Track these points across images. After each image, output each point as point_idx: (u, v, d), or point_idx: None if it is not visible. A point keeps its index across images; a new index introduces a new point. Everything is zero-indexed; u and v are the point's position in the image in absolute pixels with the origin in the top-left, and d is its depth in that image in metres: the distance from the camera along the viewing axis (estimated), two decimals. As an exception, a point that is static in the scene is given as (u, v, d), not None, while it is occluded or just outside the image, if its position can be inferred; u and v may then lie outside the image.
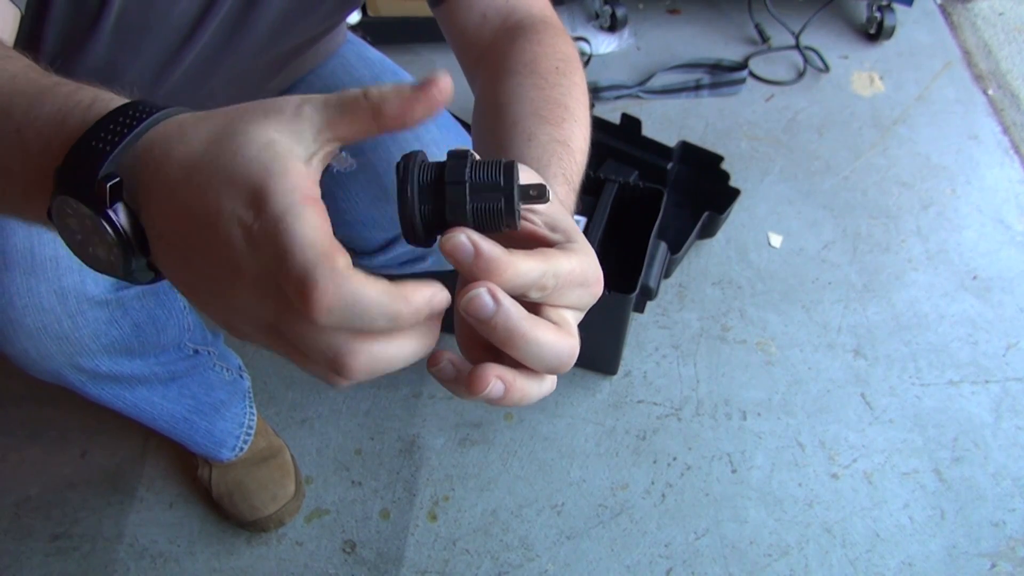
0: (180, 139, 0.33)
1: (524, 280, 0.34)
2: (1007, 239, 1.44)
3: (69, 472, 1.20)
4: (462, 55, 0.69)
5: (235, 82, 0.77)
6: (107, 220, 0.33)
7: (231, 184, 0.31)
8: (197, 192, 0.32)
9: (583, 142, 0.56)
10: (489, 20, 0.66)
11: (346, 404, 1.25)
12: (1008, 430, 1.21)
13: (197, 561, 1.12)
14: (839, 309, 1.35)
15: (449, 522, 1.14)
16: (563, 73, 0.59)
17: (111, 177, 0.33)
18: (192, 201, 0.32)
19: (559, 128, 0.54)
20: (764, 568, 1.09)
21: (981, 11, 1.89)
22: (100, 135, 0.34)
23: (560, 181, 0.50)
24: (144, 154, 0.33)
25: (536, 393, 0.37)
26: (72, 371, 0.77)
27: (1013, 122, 1.64)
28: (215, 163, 0.31)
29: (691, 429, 1.22)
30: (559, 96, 0.57)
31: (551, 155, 0.52)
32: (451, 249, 0.32)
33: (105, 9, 0.59)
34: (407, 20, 1.74)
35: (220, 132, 0.32)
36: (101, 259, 0.35)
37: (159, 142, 0.33)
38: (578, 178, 0.53)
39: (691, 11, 1.89)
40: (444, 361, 0.35)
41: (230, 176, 0.31)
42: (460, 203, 0.34)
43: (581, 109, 0.58)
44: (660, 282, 1.22)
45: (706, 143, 1.51)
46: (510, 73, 0.60)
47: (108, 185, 0.33)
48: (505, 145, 0.54)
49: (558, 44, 0.63)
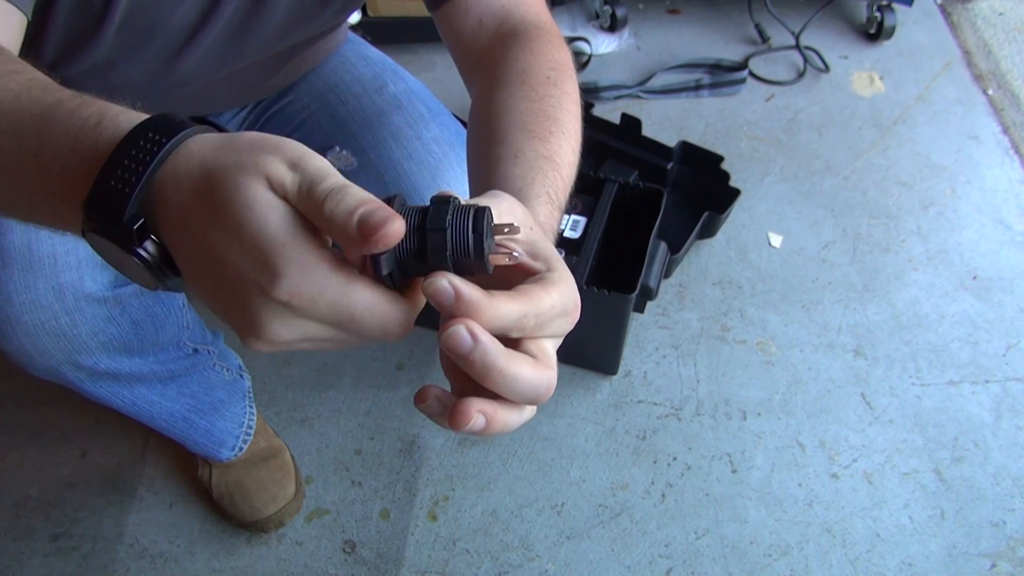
0: (188, 187, 0.35)
1: (504, 322, 0.35)
2: (1007, 239, 1.44)
3: (69, 472, 1.20)
4: (459, 60, 0.69)
5: (236, 81, 0.77)
6: (137, 256, 0.35)
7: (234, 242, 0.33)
8: (207, 244, 0.34)
9: (571, 155, 0.56)
10: (485, 25, 0.66)
11: (346, 404, 1.25)
12: (1008, 430, 1.20)
13: (197, 561, 1.11)
14: (839, 309, 1.35)
15: (449, 522, 1.13)
16: (554, 83, 0.60)
17: (136, 218, 0.35)
18: (205, 248, 0.34)
19: (546, 143, 0.54)
20: (764, 568, 1.08)
21: (981, 11, 1.89)
22: (117, 173, 0.35)
23: (544, 200, 0.51)
24: (159, 192, 0.35)
25: (516, 421, 0.39)
26: (70, 369, 0.77)
27: (1013, 122, 1.64)
28: (216, 221, 0.34)
29: (691, 429, 1.22)
30: (548, 109, 0.57)
31: (536, 172, 0.52)
32: (433, 293, 0.34)
33: (109, 12, 0.59)
34: (407, 20, 1.74)
35: (209, 185, 0.34)
36: (138, 277, 0.38)
37: (170, 182, 0.35)
38: (564, 195, 0.54)
39: (691, 11, 1.89)
40: (431, 399, 0.37)
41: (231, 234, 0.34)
42: (441, 248, 0.35)
43: (571, 120, 0.58)
44: (660, 282, 1.22)
45: (706, 143, 1.51)
46: (501, 84, 0.60)
47: (134, 228, 0.35)
48: (492, 160, 0.54)
49: (551, 51, 0.63)
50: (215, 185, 0.34)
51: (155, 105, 0.38)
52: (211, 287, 0.36)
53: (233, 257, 0.33)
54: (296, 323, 0.34)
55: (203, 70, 0.71)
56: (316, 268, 0.33)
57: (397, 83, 0.88)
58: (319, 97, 0.87)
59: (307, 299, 0.33)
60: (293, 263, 0.33)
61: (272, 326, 0.34)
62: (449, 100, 0.98)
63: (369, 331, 0.35)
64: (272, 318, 0.34)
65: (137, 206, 0.35)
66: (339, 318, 0.34)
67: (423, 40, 1.80)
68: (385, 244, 0.32)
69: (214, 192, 0.34)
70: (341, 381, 1.28)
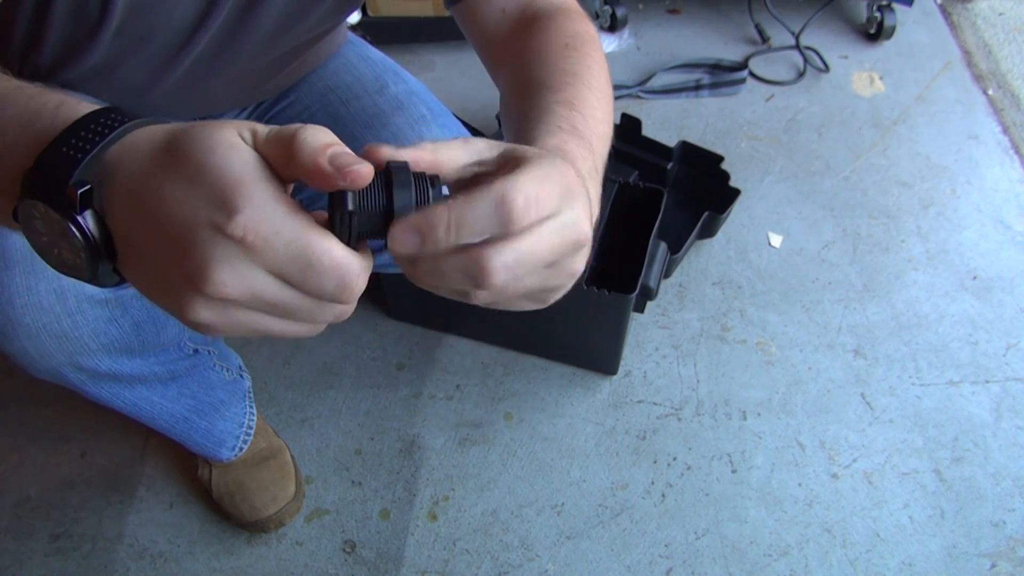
0: (148, 150, 0.34)
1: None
2: (1007, 239, 1.44)
3: (69, 472, 1.20)
4: (484, 52, 0.68)
5: (235, 82, 0.77)
6: (76, 225, 0.34)
7: (192, 188, 0.33)
8: (160, 199, 0.33)
9: (597, 103, 0.53)
10: (508, 14, 0.65)
11: (346, 404, 1.25)
12: (1008, 430, 1.21)
13: (197, 561, 1.12)
14: (839, 309, 1.35)
15: (449, 522, 1.14)
16: (573, 48, 0.58)
17: (81, 184, 0.34)
18: (157, 207, 0.33)
19: (562, 92, 0.53)
20: (764, 568, 1.09)
21: (981, 11, 1.89)
22: (71, 141, 0.34)
23: (553, 131, 0.48)
24: (113, 163, 0.34)
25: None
26: (72, 370, 0.76)
27: (1013, 122, 1.64)
28: (175, 171, 0.33)
29: (691, 429, 1.22)
30: (567, 67, 0.56)
31: (544, 113, 0.50)
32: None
33: (106, 16, 0.59)
34: (407, 20, 1.74)
35: (174, 140, 0.34)
36: (67, 262, 0.36)
37: (128, 152, 0.34)
38: (589, 132, 0.50)
39: (691, 11, 1.89)
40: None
41: (189, 181, 0.33)
42: (407, 197, 0.36)
43: (594, 76, 0.56)
44: (660, 282, 1.22)
45: (706, 143, 1.51)
46: (522, 67, 0.59)
47: (79, 192, 0.34)
48: (516, 137, 0.52)
49: (569, 24, 0.61)
50: (182, 137, 0.34)
51: (156, 107, 0.38)
52: (150, 260, 0.35)
53: (187, 203, 0.33)
54: (247, 270, 0.33)
55: (202, 71, 0.71)
56: (275, 207, 0.33)
57: (398, 84, 0.88)
58: (320, 98, 0.87)
59: (263, 236, 0.32)
60: (252, 199, 0.32)
61: (220, 271, 0.32)
62: (450, 100, 0.98)
63: (325, 281, 0.34)
64: (222, 261, 0.32)
65: (85, 175, 0.34)
66: (295, 261, 0.33)
67: (423, 40, 1.80)
68: (353, 181, 0.32)
69: (180, 142, 0.33)
70: (341, 381, 1.28)
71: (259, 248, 0.32)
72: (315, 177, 0.33)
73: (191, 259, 0.33)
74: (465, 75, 1.73)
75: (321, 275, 0.34)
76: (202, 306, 0.34)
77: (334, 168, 0.33)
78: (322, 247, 0.34)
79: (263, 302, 0.34)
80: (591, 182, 0.47)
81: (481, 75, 0.69)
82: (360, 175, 0.33)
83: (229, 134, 0.34)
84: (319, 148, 0.33)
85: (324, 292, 0.35)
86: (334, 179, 0.33)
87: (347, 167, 0.33)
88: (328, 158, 0.33)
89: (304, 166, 0.33)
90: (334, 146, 0.33)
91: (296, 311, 0.35)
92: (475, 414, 1.24)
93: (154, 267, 0.35)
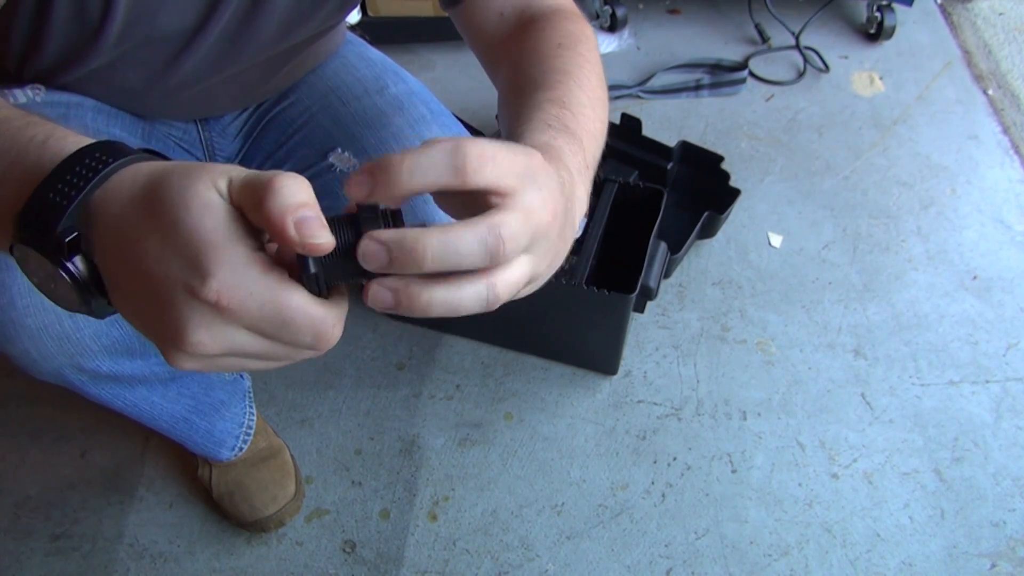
0: (129, 197, 0.34)
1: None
2: (1007, 239, 1.44)
3: (69, 472, 1.20)
4: (482, 54, 0.68)
5: (235, 82, 0.77)
6: (65, 271, 0.35)
7: (167, 246, 0.33)
8: (138, 253, 0.34)
9: (588, 100, 0.53)
10: (506, 18, 0.65)
11: (346, 404, 1.25)
12: (1008, 430, 1.21)
13: (197, 561, 1.12)
14: (839, 309, 1.35)
15: (449, 522, 1.14)
16: (566, 47, 0.58)
17: (69, 231, 0.35)
18: (136, 260, 0.34)
19: (553, 90, 0.52)
20: (764, 568, 1.09)
21: (981, 11, 1.89)
22: (57, 187, 0.35)
23: (541, 129, 0.48)
24: (98, 206, 0.35)
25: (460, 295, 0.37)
26: (73, 371, 0.76)
27: (1013, 122, 1.64)
28: (152, 224, 0.33)
29: (691, 429, 1.22)
30: (559, 65, 0.56)
31: (534, 111, 0.50)
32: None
33: (107, 21, 0.59)
34: (407, 20, 1.74)
35: (152, 188, 0.34)
36: (62, 298, 0.37)
37: (111, 195, 0.35)
38: (578, 128, 0.50)
39: (691, 11, 1.89)
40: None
41: (164, 237, 0.33)
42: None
43: (585, 74, 0.56)
44: (660, 282, 1.22)
45: (706, 143, 1.51)
46: (516, 65, 0.59)
47: (66, 240, 0.35)
48: (508, 134, 0.52)
49: (564, 24, 0.61)
50: (159, 188, 0.34)
51: (156, 108, 0.38)
52: (136, 302, 0.35)
53: (164, 261, 0.33)
54: (222, 330, 0.33)
55: (202, 73, 0.71)
56: (248, 269, 0.33)
57: (398, 84, 0.88)
58: (320, 98, 0.87)
59: (236, 300, 0.33)
60: (224, 263, 0.32)
61: (197, 333, 0.33)
62: (450, 101, 0.98)
63: (301, 336, 0.35)
64: (198, 325, 0.33)
65: (72, 221, 0.35)
66: (270, 321, 0.34)
67: (423, 40, 1.80)
68: (312, 251, 0.32)
69: (157, 194, 0.34)
70: (341, 381, 1.28)
71: (233, 310, 0.33)
72: (277, 236, 0.33)
73: (169, 318, 0.33)
74: (465, 75, 1.73)
75: (296, 331, 0.34)
76: (185, 359, 0.35)
77: (297, 234, 0.32)
78: (295, 305, 0.34)
79: (243, 352, 0.35)
80: (581, 179, 0.47)
81: (481, 75, 0.69)
82: (319, 249, 0.33)
83: (204, 188, 0.33)
84: (290, 207, 0.32)
85: (301, 344, 0.35)
86: (296, 246, 0.33)
87: (310, 239, 0.32)
88: (295, 222, 0.32)
89: (270, 221, 0.33)
90: (304, 208, 0.33)
91: (275, 356, 0.36)
92: (475, 414, 1.24)
93: (141, 310, 0.36)
